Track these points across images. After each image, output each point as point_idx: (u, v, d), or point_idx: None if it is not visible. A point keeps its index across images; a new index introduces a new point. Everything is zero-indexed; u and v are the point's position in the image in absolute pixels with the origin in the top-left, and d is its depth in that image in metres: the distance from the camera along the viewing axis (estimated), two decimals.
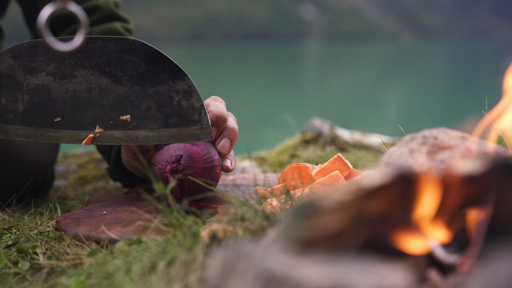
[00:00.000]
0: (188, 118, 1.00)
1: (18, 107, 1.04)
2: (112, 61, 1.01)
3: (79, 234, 0.90)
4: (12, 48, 1.03)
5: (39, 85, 1.03)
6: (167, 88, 1.01)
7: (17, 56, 1.02)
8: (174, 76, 1.00)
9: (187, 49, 27.01)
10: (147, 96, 1.01)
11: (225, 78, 14.23)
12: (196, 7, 46.28)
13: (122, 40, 1.01)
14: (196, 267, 0.65)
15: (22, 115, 1.04)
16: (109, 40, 1.01)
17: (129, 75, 1.02)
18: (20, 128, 1.04)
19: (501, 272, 0.47)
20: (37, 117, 1.04)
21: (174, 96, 1.01)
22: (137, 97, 1.02)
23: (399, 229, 0.57)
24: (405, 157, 0.71)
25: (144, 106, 1.02)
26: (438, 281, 0.55)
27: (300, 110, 8.00)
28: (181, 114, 1.01)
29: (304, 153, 1.92)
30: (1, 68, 1.03)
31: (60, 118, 1.03)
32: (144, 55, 1.01)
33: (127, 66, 1.02)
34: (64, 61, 1.02)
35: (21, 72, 1.03)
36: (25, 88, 1.03)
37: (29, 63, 1.02)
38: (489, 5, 61.17)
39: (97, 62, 1.02)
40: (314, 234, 0.53)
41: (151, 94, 1.01)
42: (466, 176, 0.55)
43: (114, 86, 1.02)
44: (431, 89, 11.84)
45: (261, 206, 0.78)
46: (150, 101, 1.01)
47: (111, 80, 1.02)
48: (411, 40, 44.26)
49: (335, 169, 1.01)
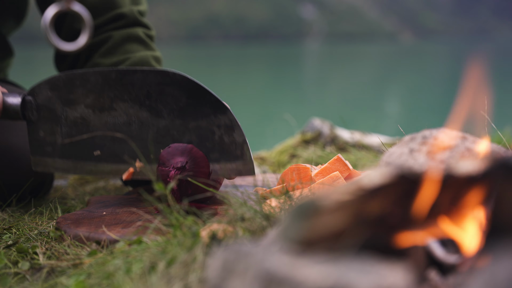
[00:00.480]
0: (230, 153, 0.98)
1: (57, 139, 1.02)
2: (152, 94, 0.99)
3: (79, 234, 0.90)
4: (49, 80, 1.00)
5: (77, 118, 1.00)
6: (209, 123, 0.98)
7: (54, 87, 1.00)
8: (216, 110, 0.98)
9: (187, 49, 27.00)
10: (188, 130, 0.99)
11: (225, 78, 14.22)
12: (196, 7, 46.28)
13: (161, 73, 0.98)
14: (196, 267, 0.65)
15: (61, 148, 1.02)
16: (149, 72, 0.98)
17: (170, 109, 0.99)
18: (59, 161, 1.02)
19: (501, 272, 0.47)
20: (76, 150, 1.01)
21: (216, 131, 0.98)
22: (178, 131, 0.99)
23: (399, 229, 0.57)
24: (405, 157, 0.71)
25: (185, 141, 0.99)
26: (438, 281, 0.55)
27: (300, 110, 8.00)
28: (223, 149, 0.98)
29: (304, 153, 1.92)
30: (39, 100, 1.01)
31: (99, 152, 1.01)
32: (184, 88, 0.98)
33: (167, 99, 0.99)
34: (103, 93, 0.99)
35: (59, 104, 1.01)
36: (64, 120, 1.01)
37: (67, 95, 1.00)
38: (489, 5, 61.19)
39: (136, 94, 0.99)
40: (314, 234, 0.53)
41: (192, 129, 0.99)
42: (466, 176, 0.55)
43: (154, 120, 0.99)
44: (431, 89, 11.83)
45: (261, 206, 0.78)
46: (192, 135, 0.99)
47: (151, 113, 0.99)
48: (411, 40, 44.27)
49: (335, 170, 1.01)
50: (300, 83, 13.46)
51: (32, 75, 12.10)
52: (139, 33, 1.30)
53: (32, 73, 12.41)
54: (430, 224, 0.59)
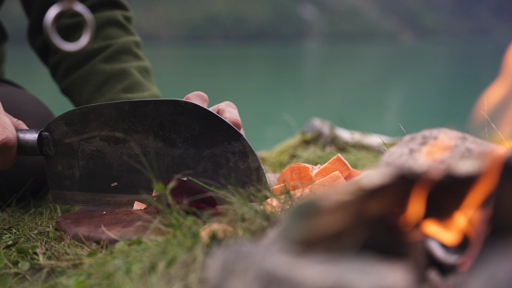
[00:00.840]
0: (246, 179, 0.99)
1: (75, 173, 1.04)
2: (165, 124, 1.01)
3: (79, 234, 0.90)
4: (64, 115, 1.03)
5: (93, 151, 1.03)
6: (223, 150, 1.00)
7: (70, 122, 1.02)
8: (229, 137, 0.99)
9: (187, 49, 27.00)
10: (202, 158, 1.00)
11: (225, 78, 14.23)
12: (196, 7, 46.29)
13: (174, 103, 1.00)
14: (196, 267, 0.65)
15: (79, 181, 1.04)
16: (161, 103, 1.00)
17: (183, 138, 1.01)
18: (78, 194, 1.05)
19: (501, 272, 0.47)
20: (94, 182, 1.04)
21: (231, 158, 0.99)
22: (192, 160, 1.01)
23: (399, 229, 0.57)
24: (405, 157, 0.71)
25: (200, 169, 1.01)
26: (438, 281, 0.55)
27: (300, 110, 8.00)
28: (238, 176, 0.99)
29: (304, 153, 1.92)
30: (56, 135, 1.03)
31: (116, 183, 1.03)
32: (197, 117, 1.00)
33: (180, 129, 1.00)
34: (117, 125, 1.02)
35: (75, 138, 1.03)
36: (80, 154, 1.03)
37: (83, 129, 1.02)
38: (489, 5, 61.20)
39: (150, 125, 1.01)
40: (314, 234, 0.53)
41: (207, 156, 1.00)
42: (466, 176, 0.55)
43: (168, 149, 1.01)
44: (431, 89, 11.84)
45: (261, 206, 0.78)
46: (206, 163, 1.00)
47: (165, 143, 1.01)
48: (411, 40, 44.28)
49: (335, 170, 1.01)
50: (300, 83, 13.46)
51: (30, 75, 12.09)
52: (118, 17, 1.31)
53: (30, 73, 12.40)
54: (430, 224, 0.59)
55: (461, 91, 11.17)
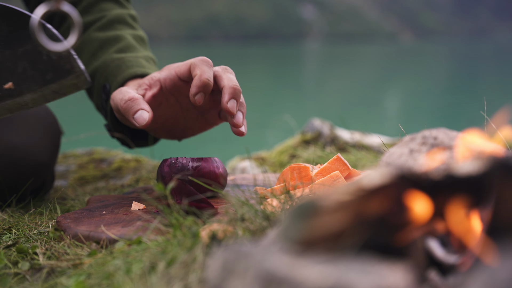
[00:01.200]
0: (62, 69, 0.97)
1: None
2: None
3: (78, 234, 0.90)
4: None
5: None
6: (33, 44, 0.96)
7: None
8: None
9: (187, 49, 26.99)
10: (18, 58, 0.97)
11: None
12: (196, 7, 46.30)
13: None
14: (196, 267, 0.65)
15: None
16: None
17: None
18: None
19: (501, 272, 0.47)
20: None
21: (42, 51, 0.96)
22: (10, 62, 0.98)
23: (399, 229, 0.57)
24: (405, 158, 0.71)
25: (20, 69, 0.98)
26: (438, 281, 0.55)
27: (300, 110, 8.00)
28: (54, 67, 0.97)
29: (304, 153, 1.92)
30: None
31: None
32: (1, 16, 0.96)
33: None
34: None
35: None
36: None
37: None
38: (489, 5, 61.21)
39: None
40: (314, 234, 0.53)
41: (21, 55, 0.97)
42: (466, 176, 0.55)
43: None
44: (431, 89, 11.84)
45: (261, 206, 0.78)
46: (23, 62, 0.97)
47: None
48: (411, 40, 44.27)
49: (335, 170, 1.01)
50: (300, 83, 13.46)
51: None
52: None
53: None
54: (430, 224, 0.59)
55: (461, 91, 11.18)
